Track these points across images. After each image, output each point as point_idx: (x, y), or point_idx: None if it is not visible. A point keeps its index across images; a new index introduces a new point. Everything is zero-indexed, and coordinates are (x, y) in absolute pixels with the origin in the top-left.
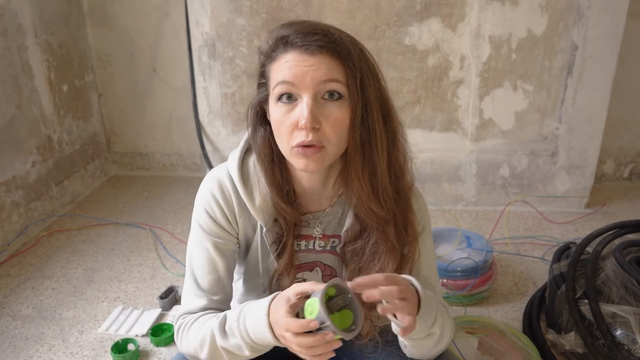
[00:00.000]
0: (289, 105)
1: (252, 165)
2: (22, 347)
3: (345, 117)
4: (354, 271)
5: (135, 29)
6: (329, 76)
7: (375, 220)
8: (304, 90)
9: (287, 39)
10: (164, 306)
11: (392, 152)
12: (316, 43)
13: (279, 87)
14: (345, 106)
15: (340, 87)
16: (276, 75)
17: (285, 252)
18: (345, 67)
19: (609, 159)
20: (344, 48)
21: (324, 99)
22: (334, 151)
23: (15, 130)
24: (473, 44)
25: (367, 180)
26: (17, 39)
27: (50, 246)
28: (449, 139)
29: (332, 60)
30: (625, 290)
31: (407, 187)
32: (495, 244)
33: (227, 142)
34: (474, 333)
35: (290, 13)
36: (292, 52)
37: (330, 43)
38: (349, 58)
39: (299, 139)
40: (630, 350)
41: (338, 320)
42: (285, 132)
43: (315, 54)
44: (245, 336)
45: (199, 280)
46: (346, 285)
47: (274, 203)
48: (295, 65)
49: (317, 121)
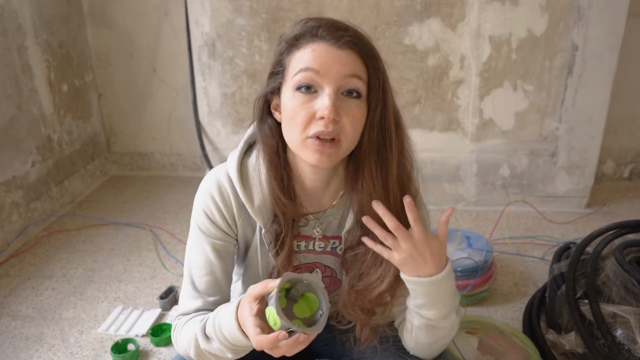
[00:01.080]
0: (307, 95)
1: (252, 166)
2: (22, 347)
3: (363, 116)
4: (354, 277)
5: (135, 29)
6: (353, 72)
7: (381, 222)
8: (328, 81)
9: (316, 30)
10: (164, 306)
11: (400, 159)
12: (346, 39)
13: (301, 75)
14: (363, 106)
15: (361, 85)
16: (298, 63)
17: (283, 250)
18: (369, 68)
19: (609, 159)
20: (370, 50)
21: (343, 95)
22: (346, 147)
23: (15, 130)
24: (473, 44)
25: (381, 181)
26: (17, 39)
27: (50, 246)
28: (449, 139)
29: (358, 58)
30: (625, 291)
31: (412, 195)
32: (495, 244)
33: (227, 142)
34: (474, 333)
35: (290, 13)
36: (321, 43)
37: (359, 42)
38: (374, 60)
39: (317, 129)
40: (630, 350)
41: (305, 307)
42: (300, 122)
43: (344, 48)
44: (223, 340)
45: (196, 282)
46: (297, 275)
47: (274, 198)
48: (322, 55)
49: (338, 114)
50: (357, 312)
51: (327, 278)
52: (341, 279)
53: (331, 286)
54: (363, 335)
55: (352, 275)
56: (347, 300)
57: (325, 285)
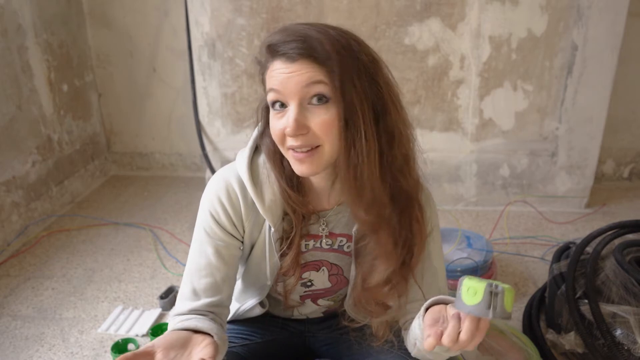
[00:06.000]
0: (281, 112)
1: (262, 164)
2: (22, 347)
3: (333, 118)
4: (365, 270)
5: (135, 29)
6: (311, 79)
7: (364, 226)
8: (290, 97)
9: (273, 47)
10: (164, 306)
11: (387, 153)
12: (294, 50)
13: (270, 95)
14: (333, 108)
15: (325, 88)
16: (268, 83)
17: (291, 250)
18: (327, 71)
19: (609, 159)
20: (322, 52)
21: (311, 105)
22: (329, 149)
23: (15, 130)
24: (473, 44)
25: (352, 185)
26: (17, 39)
27: (50, 246)
28: (449, 139)
29: (312, 64)
30: (625, 290)
31: (411, 187)
32: (495, 244)
33: (227, 142)
34: None
35: (290, 13)
36: (278, 60)
37: (307, 49)
38: (327, 62)
39: (290, 143)
40: (630, 350)
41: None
42: (278, 138)
43: (297, 59)
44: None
45: (195, 283)
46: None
47: (284, 196)
48: (280, 73)
49: (303, 127)
50: (371, 306)
51: (334, 276)
52: (348, 276)
53: (338, 284)
54: (379, 330)
55: (363, 269)
56: (361, 295)
57: (332, 284)
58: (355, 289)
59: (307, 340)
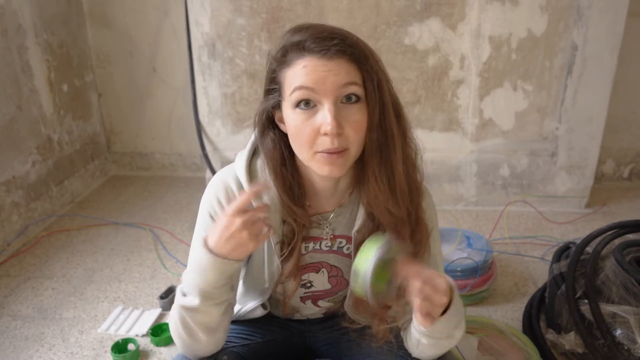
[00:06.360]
0: (308, 111)
1: (260, 167)
2: (22, 347)
3: (365, 119)
4: None
5: (135, 29)
6: (348, 80)
7: (391, 221)
8: (325, 95)
9: (302, 44)
10: (164, 306)
11: (404, 150)
12: (335, 47)
13: (298, 93)
14: (364, 108)
15: (358, 89)
16: (292, 81)
17: (292, 255)
18: (362, 71)
19: (609, 159)
20: (361, 52)
21: (342, 103)
22: (355, 152)
23: (15, 130)
24: (473, 44)
25: (386, 181)
26: (17, 39)
27: (50, 246)
28: (449, 139)
29: (349, 64)
30: (625, 290)
31: (418, 184)
32: (495, 244)
33: (227, 142)
34: (474, 333)
35: (290, 13)
36: (309, 57)
37: (348, 47)
38: (366, 62)
39: (325, 146)
40: (630, 350)
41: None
42: (306, 139)
43: (334, 58)
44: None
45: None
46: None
47: (285, 206)
48: (314, 71)
49: (341, 126)
50: (371, 307)
51: (334, 278)
52: (348, 278)
53: (337, 286)
54: (380, 331)
55: None
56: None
57: (331, 286)
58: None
59: (307, 340)
